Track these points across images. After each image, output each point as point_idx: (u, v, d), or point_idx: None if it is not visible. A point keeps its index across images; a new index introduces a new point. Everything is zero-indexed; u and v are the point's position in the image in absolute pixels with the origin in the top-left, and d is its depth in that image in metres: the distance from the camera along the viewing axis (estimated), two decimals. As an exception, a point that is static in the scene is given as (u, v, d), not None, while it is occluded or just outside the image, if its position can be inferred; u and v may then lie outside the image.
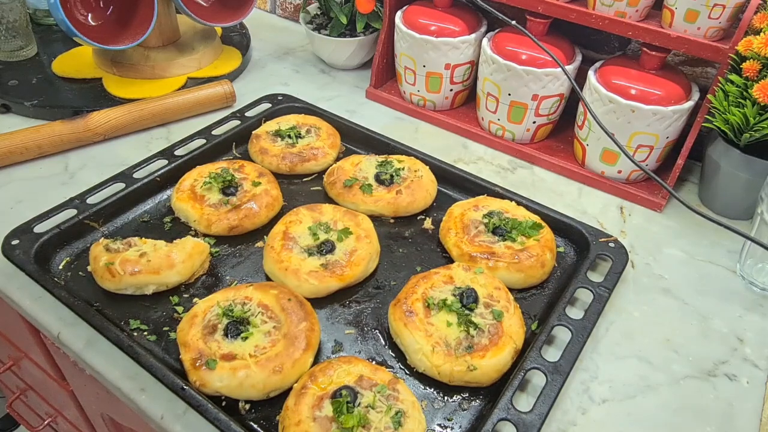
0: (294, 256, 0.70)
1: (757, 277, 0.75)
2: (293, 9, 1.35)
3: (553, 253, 0.73)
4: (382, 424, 0.53)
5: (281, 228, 0.73)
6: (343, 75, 1.16)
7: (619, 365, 0.65)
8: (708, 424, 0.60)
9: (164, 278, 0.67)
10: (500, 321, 0.63)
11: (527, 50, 0.88)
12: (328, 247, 0.71)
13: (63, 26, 0.91)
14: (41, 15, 1.21)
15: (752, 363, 0.66)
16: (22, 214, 0.77)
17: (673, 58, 0.93)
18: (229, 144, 0.91)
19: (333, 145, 0.90)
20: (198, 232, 0.76)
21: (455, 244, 0.73)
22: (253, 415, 0.58)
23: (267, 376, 0.57)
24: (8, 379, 1.28)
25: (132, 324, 0.65)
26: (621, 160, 0.87)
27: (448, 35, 0.94)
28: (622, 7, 0.81)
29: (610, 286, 0.70)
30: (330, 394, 0.55)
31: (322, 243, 0.71)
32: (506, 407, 0.56)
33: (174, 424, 0.57)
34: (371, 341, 0.65)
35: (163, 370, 0.57)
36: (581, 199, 0.88)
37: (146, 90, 1.02)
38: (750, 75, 0.74)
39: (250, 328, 0.61)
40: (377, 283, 0.72)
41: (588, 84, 0.87)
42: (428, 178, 0.83)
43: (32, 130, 0.87)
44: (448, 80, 0.99)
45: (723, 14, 0.76)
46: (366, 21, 1.09)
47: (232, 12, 1.11)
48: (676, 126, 0.83)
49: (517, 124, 0.94)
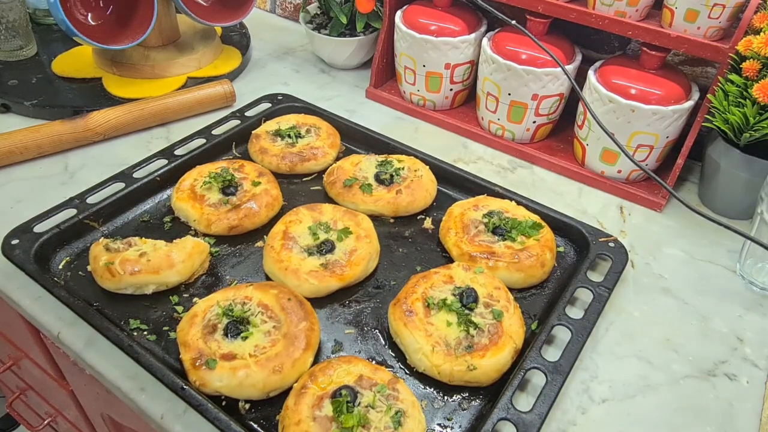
0: (294, 256, 0.70)
1: (757, 277, 0.75)
2: (293, 9, 1.35)
3: (553, 252, 0.73)
4: (382, 423, 0.53)
5: (281, 228, 0.73)
6: (343, 75, 1.16)
7: (619, 365, 0.65)
8: (708, 423, 0.60)
9: (164, 278, 0.67)
10: (500, 321, 0.63)
11: (527, 50, 0.88)
12: (328, 247, 0.71)
13: (63, 26, 0.91)
14: (41, 14, 1.21)
15: (752, 363, 0.66)
16: (21, 213, 0.77)
17: (673, 57, 0.93)
18: (229, 144, 0.91)
19: (333, 145, 0.90)
20: (198, 232, 0.76)
21: (455, 243, 0.73)
22: (253, 415, 0.58)
23: (267, 375, 0.57)
24: (8, 379, 1.28)
25: (132, 324, 0.65)
26: (621, 160, 0.87)
27: (448, 35, 0.94)
28: (622, 6, 0.81)
29: (610, 286, 0.70)
30: (330, 394, 0.55)
31: (322, 243, 0.71)
32: (506, 407, 0.56)
33: (174, 423, 0.57)
34: (371, 341, 0.65)
35: (163, 369, 0.57)
36: (581, 199, 0.88)
37: (146, 90, 1.02)
38: (750, 75, 0.74)
39: (250, 327, 0.61)
40: (377, 283, 0.72)
41: (588, 84, 0.87)
42: (428, 177, 0.83)
43: (32, 129, 0.87)
44: (448, 80, 0.99)
45: (723, 14, 0.76)
46: (366, 21, 1.09)
47: (231, 12, 1.11)
48: (676, 126, 0.83)
49: (517, 124, 0.94)
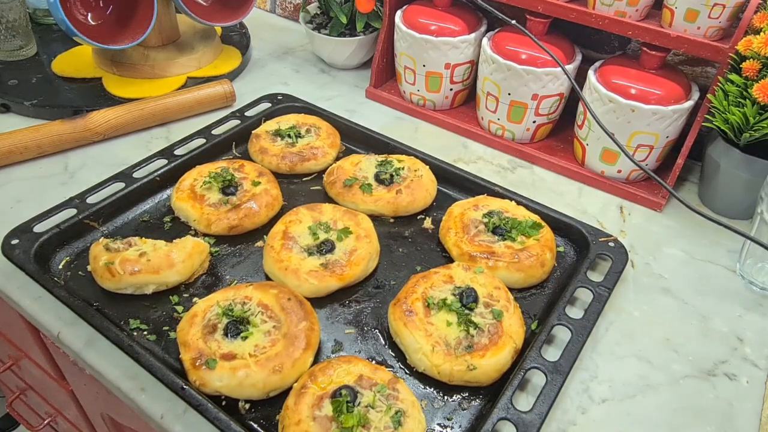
0: (294, 256, 0.70)
1: (757, 277, 0.75)
2: (293, 8, 1.35)
3: (552, 252, 0.73)
4: (382, 423, 0.53)
5: (281, 227, 0.73)
6: (342, 74, 1.16)
7: (618, 365, 0.65)
8: (708, 423, 0.60)
9: (164, 278, 0.67)
10: (500, 320, 0.63)
11: (527, 50, 0.88)
12: (328, 247, 0.71)
13: (63, 26, 0.91)
14: (41, 14, 1.21)
15: (752, 362, 0.66)
16: (21, 213, 0.77)
17: (673, 57, 0.93)
18: (228, 143, 0.91)
19: (333, 145, 0.90)
20: (198, 232, 0.76)
21: (455, 243, 0.73)
22: (253, 415, 0.58)
23: (267, 375, 0.57)
24: (8, 379, 1.28)
25: (132, 323, 0.65)
26: (621, 160, 0.87)
27: (448, 35, 0.94)
28: (622, 6, 0.81)
29: (610, 286, 0.70)
30: (330, 394, 0.55)
31: (321, 242, 0.71)
32: (506, 407, 0.56)
33: (174, 423, 0.57)
34: (371, 341, 0.65)
35: (163, 369, 0.57)
36: (581, 199, 0.88)
37: (146, 89, 1.02)
38: (750, 74, 0.74)
39: (250, 327, 0.61)
40: (377, 283, 0.72)
41: (588, 83, 0.87)
42: (428, 177, 0.83)
43: (32, 129, 0.87)
44: (448, 80, 0.99)
45: (723, 14, 0.76)
46: (366, 20, 1.09)
47: (231, 11, 1.11)
48: (675, 125, 0.83)
49: (517, 124, 0.94)
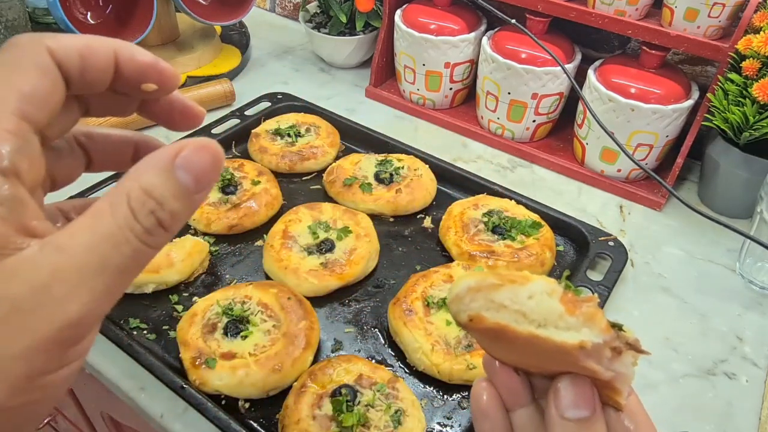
0: (293, 255, 0.70)
1: (757, 276, 0.75)
2: (293, 7, 1.35)
3: (552, 251, 0.73)
4: (382, 422, 0.53)
5: (281, 227, 0.73)
6: (342, 74, 1.15)
7: (618, 364, 0.65)
8: (707, 422, 0.60)
9: (164, 277, 0.67)
10: (500, 320, 0.63)
11: (527, 49, 0.88)
12: (328, 246, 0.71)
13: (62, 25, 0.90)
14: (40, 13, 1.20)
15: (751, 361, 0.66)
16: (21, 212, 0.77)
17: (672, 56, 0.93)
18: (228, 143, 0.91)
19: (332, 144, 0.90)
20: (197, 231, 0.76)
21: (455, 242, 0.73)
22: (253, 414, 0.58)
23: (266, 374, 0.57)
24: (8, 378, 1.28)
25: (131, 323, 0.65)
26: (620, 159, 0.87)
27: (448, 34, 0.94)
28: (621, 5, 0.81)
29: (610, 285, 0.70)
30: (329, 393, 0.55)
31: (321, 242, 0.71)
32: (506, 406, 0.56)
33: (174, 422, 0.57)
34: (371, 340, 0.65)
35: (163, 368, 0.57)
36: (581, 198, 0.88)
37: (145, 89, 1.02)
38: (750, 74, 0.74)
39: (250, 326, 0.61)
40: (377, 282, 0.72)
41: (588, 83, 0.87)
42: (428, 176, 0.83)
43: (31, 128, 0.87)
44: (448, 79, 0.99)
45: (723, 13, 0.76)
46: (365, 19, 1.09)
47: (231, 10, 1.11)
48: (675, 125, 0.83)
49: (517, 123, 0.94)
